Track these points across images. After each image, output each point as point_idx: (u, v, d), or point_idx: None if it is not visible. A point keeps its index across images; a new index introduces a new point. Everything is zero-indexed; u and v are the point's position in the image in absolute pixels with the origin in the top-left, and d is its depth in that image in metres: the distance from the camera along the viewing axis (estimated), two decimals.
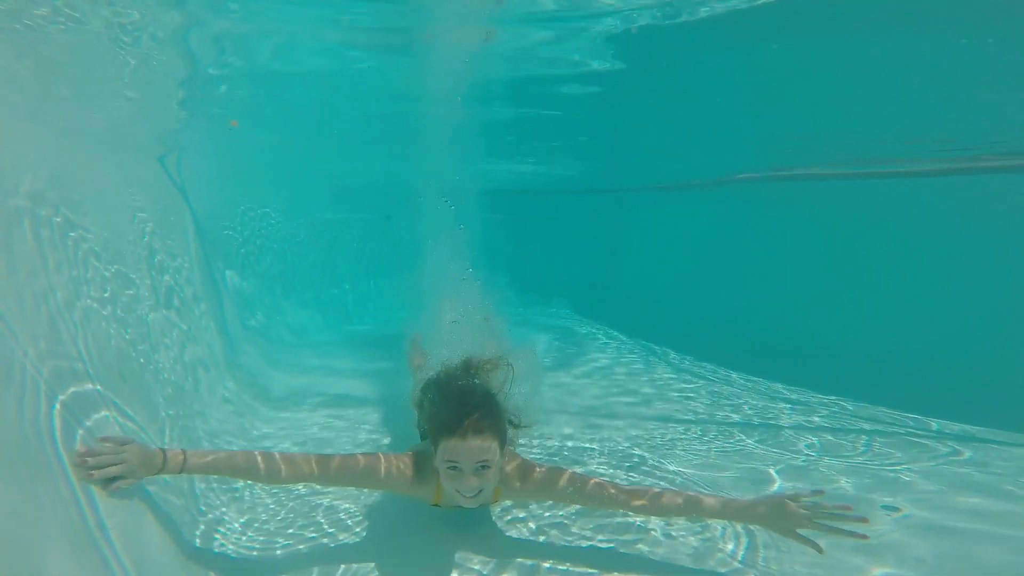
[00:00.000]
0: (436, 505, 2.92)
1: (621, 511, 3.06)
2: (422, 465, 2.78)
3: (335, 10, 3.90)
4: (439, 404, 2.62)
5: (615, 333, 9.28)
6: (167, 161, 7.40)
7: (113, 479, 2.22)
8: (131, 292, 3.77)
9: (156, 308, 4.19)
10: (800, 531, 2.50)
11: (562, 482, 2.81)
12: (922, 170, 7.27)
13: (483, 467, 2.45)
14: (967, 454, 4.34)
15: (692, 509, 2.71)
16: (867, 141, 7.25)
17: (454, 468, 2.46)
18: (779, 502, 2.54)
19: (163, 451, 2.40)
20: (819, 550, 2.45)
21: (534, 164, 11.76)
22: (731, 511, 2.69)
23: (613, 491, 2.75)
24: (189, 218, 6.56)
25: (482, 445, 2.41)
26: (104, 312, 3.19)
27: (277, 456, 2.60)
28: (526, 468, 2.88)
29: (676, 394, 5.99)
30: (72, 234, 3.21)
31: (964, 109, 5.70)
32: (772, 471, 3.96)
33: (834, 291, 8.09)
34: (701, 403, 5.68)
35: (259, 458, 2.56)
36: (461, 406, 2.50)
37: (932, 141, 6.65)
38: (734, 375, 6.75)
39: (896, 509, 3.39)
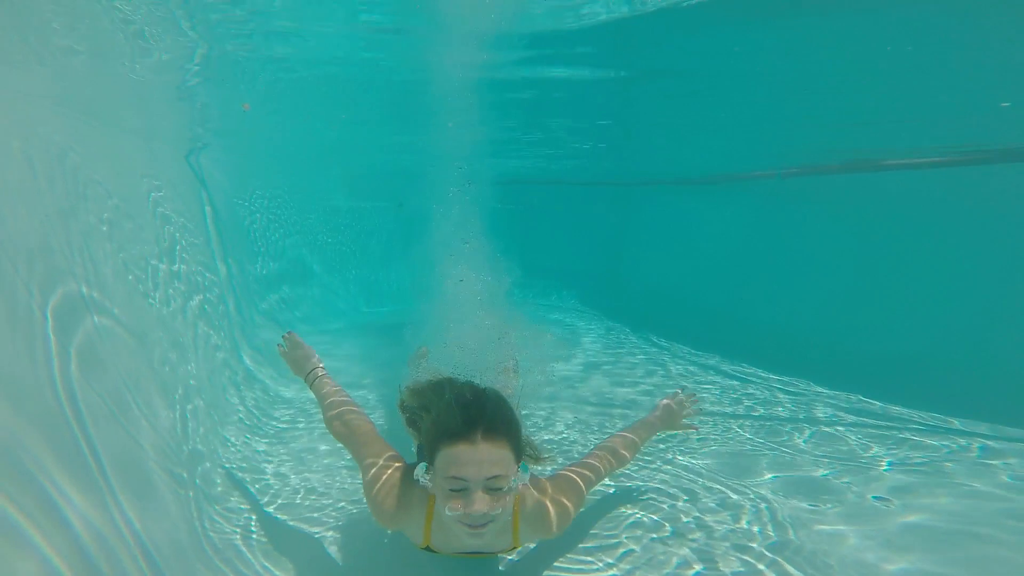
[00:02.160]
0: (427, 548, 2.33)
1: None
2: (410, 488, 2.24)
3: None
4: (441, 406, 2.11)
5: (623, 326, 9.21)
6: (184, 150, 7.39)
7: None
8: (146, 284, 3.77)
9: (170, 288, 4.20)
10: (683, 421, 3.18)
11: (583, 486, 2.50)
12: (935, 161, 7.05)
13: (495, 487, 1.96)
14: (982, 452, 4.28)
15: (635, 446, 2.95)
16: (879, 135, 7.04)
17: (459, 488, 1.96)
18: (667, 407, 3.14)
19: (317, 366, 2.91)
20: (697, 429, 3.49)
21: (545, 155, 11.63)
22: (647, 430, 3.06)
23: (607, 452, 2.80)
24: (207, 207, 6.57)
25: (495, 455, 1.95)
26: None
27: (342, 421, 2.65)
28: (555, 487, 2.42)
29: (688, 387, 5.91)
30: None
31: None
32: (779, 462, 3.93)
33: (843, 287, 7.98)
34: (711, 396, 5.63)
35: (340, 416, 2.66)
36: (469, 406, 2.05)
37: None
38: (742, 369, 6.66)
39: (887, 499, 3.45)
